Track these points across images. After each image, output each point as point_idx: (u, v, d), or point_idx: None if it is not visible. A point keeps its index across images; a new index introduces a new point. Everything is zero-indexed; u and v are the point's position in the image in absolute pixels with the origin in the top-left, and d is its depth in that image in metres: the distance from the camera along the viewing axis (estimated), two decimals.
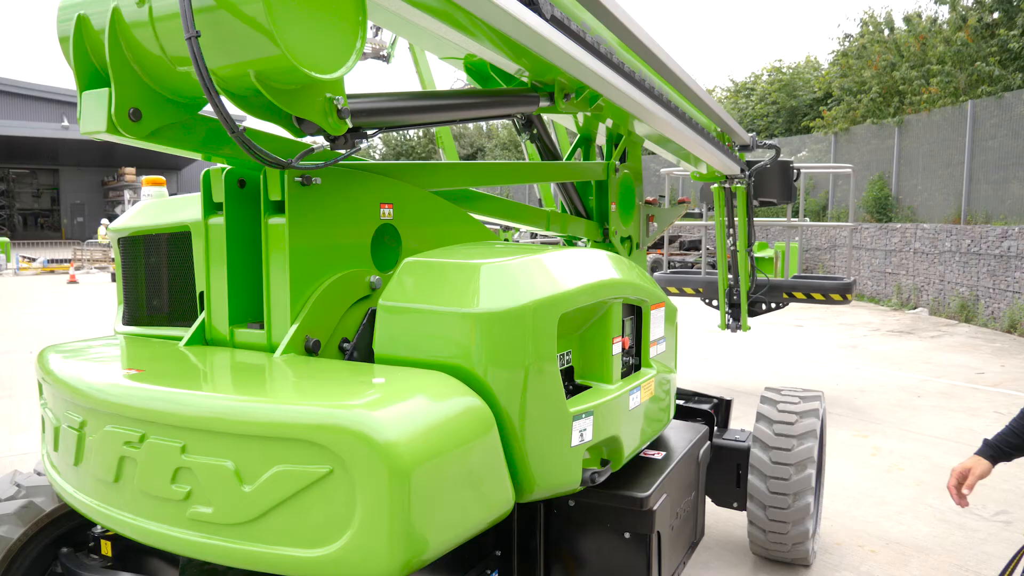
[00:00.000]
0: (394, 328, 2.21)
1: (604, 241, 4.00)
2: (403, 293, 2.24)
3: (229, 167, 2.29)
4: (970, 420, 7.61)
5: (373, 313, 2.37)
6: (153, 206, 2.94)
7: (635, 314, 2.81)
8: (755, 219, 7.49)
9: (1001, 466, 2.64)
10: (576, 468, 2.33)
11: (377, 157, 43.91)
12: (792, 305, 8.70)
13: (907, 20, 20.66)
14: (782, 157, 7.28)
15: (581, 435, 2.32)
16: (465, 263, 2.25)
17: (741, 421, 4.93)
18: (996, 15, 17.57)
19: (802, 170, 8.23)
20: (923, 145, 17.47)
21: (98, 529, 2.70)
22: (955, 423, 7.47)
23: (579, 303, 2.31)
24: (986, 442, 2.63)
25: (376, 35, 12.70)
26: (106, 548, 2.69)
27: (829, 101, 23.50)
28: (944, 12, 19.20)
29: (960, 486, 2.62)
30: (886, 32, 21.57)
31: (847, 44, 23.02)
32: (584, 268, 2.48)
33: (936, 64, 18.37)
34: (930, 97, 18.23)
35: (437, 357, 2.11)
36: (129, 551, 2.66)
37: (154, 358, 2.36)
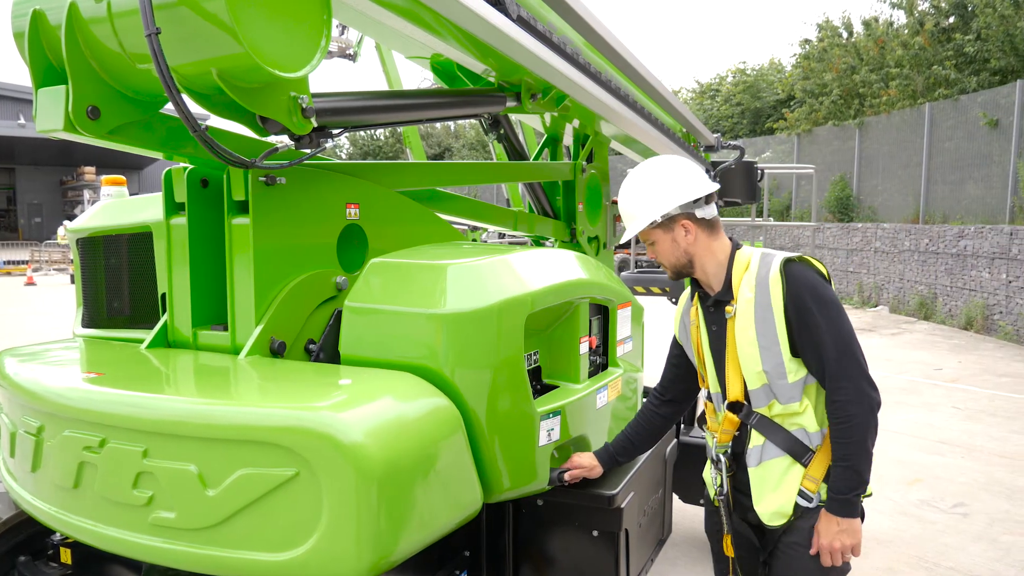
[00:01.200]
0: (360, 329, 2.20)
1: (571, 241, 4.01)
2: (370, 294, 2.24)
3: (191, 166, 2.26)
4: (929, 415, 7.79)
5: (339, 314, 2.35)
6: (113, 206, 2.89)
7: (602, 313, 2.83)
8: (720, 219, 7.57)
9: (958, 460, 2.70)
10: (544, 468, 2.34)
11: (344, 156, 43.55)
12: None
13: (866, 25, 21.09)
14: (746, 158, 7.37)
15: (548, 435, 2.33)
16: (432, 263, 2.25)
17: None
18: (952, 20, 18.01)
19: (766, 171, 8.33)
20: (883, 146, 17.84)
21: (57, 536, 2.64)
22: (914, 418, 7.64)
23: (546, 303, 2.32)
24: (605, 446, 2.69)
25: (342, 33, 12.61)
26: (66, 556, 2.63)
27: (792, 103, 23.88)
28: (901, 16, 19.64)
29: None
30: (844, 35, 21.97)
31: (807, 48, 23.41)
32: (551, 268, 2.49)
33: (894, 67, 18.77)
34: (889, 99, 18.62)
35: (404, 358, 2.10)
36: (89, 558, 2.60)
37: (114, 361, 2.32)
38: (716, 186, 2.36)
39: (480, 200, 3.39)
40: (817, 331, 2.13)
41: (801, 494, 2.21)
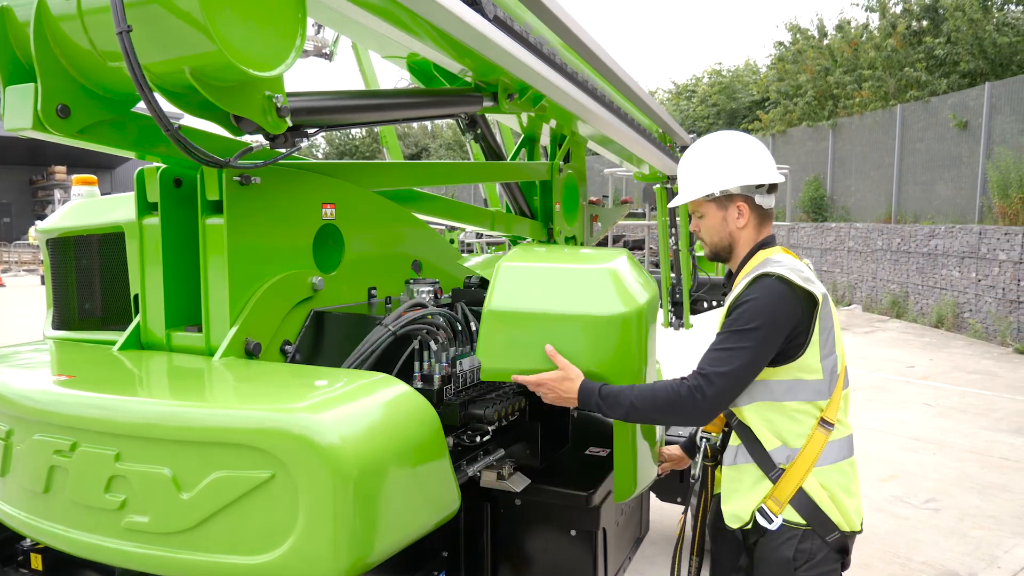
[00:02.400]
0: (505, 334, 2.16)
1: (549, 241, 4.02)
2: (515, 298, 2.18)
3: (164, 166, 2.23)
4: (901, 412, 7.91)
5: (315, 315, 2.34)
6: (84, 206, 2.84)
7: None
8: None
9: (931, 456, 2.75)
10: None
11: (320, 156, 43.29)
12: None
13: (839, 27, 21.36)
14: None
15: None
16: (590, 267, 2.28)
17: None
18: (924, 23, 18.30)
19: None
20: (856, 147, 18.08)
21: (27, 542, 2.59)
22: (888, 415, 7.76)
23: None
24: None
25: (318, 32, 12.52)
26: (36, 562, 2.58)
27: (767, 104, 24.13)
28: (875, 19, 19.92)
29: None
30: (817, 37, 22.24)
31: (781, 50, 23.67)
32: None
33: (867, 69, 19.03)
34: (862, 101, 18.88)
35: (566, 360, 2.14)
36: (61, 564, 2.56)
37: (86, 363, 2.28)
38: (782, 179, 2.33)
39: (457, 200, 3.39)
40: (725, 331, 2.12)
41: (762, 512, 2.17)
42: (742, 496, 2.24)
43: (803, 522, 2.14)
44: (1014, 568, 4.47)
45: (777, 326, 2.08)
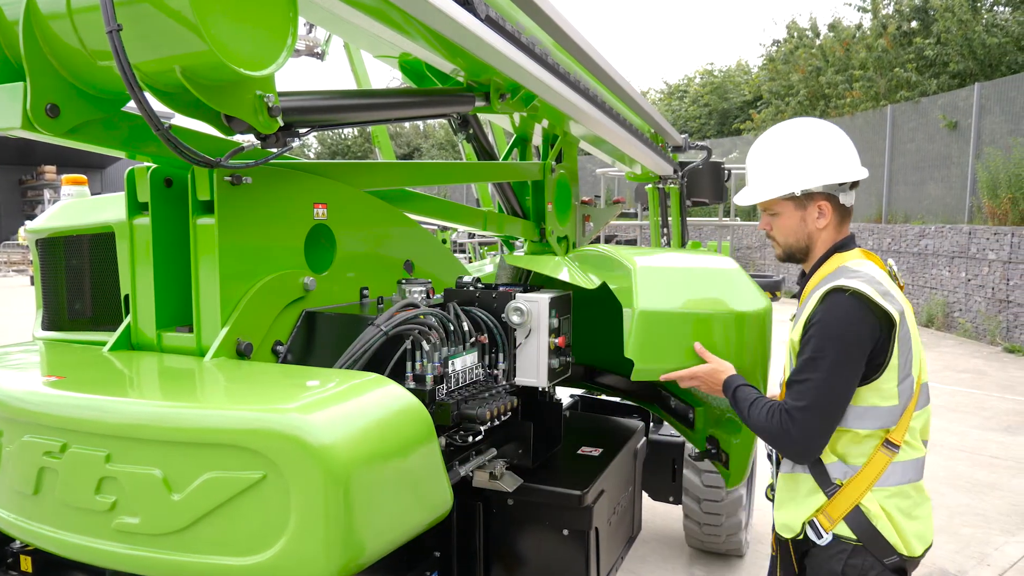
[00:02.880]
0: (655, 334, 2.30)
1: (541, 241, 4.02)
2: (661, 299, 2.31)
3: (155, 165, 2.22)
4: None
5: (307, 315, 2.33)
6: (74, 206, 2.83)
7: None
8: (688, 219, 7.66)
9: None
10: None
11: (312, 156, 43.20)
12: None
13: (832, 27, 21.44)
14: (714, 158, 7.46)
15: None
16: (724, 268, 2.50)
17: None
18: (914, 24, 18.39)
19: (733, 171, 8.45)
20: None
21: (17, 544, 2.57)
22: None
23: None
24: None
25: (310, 32, 12.46)
26: (26, 564, 2.57)
27: (759, 104, 24.23)
28: (867, 19, 20.01)
29: None
30: (810, 35, 22.33)
31: (775, 49, 23.76)
32: None
33: (858, 69, 19.11)
34: (853, 101, 18.97)
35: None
36: (51, 566, 2.55)
37: (76, 364, 2.27)
38: (866, 173, 2.16)
39: (450, 200, 3.38)
40: (801, 359, 2.04)
41: (812, 525, 2.07)
42: (795, 506, 2.15)
43: (855, 537, 2.03)
44: (1003, 565, 4.50)
45: (854, 349, 1.96)
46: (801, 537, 2.14)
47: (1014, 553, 4.64)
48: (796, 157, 2.10)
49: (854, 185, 2.15)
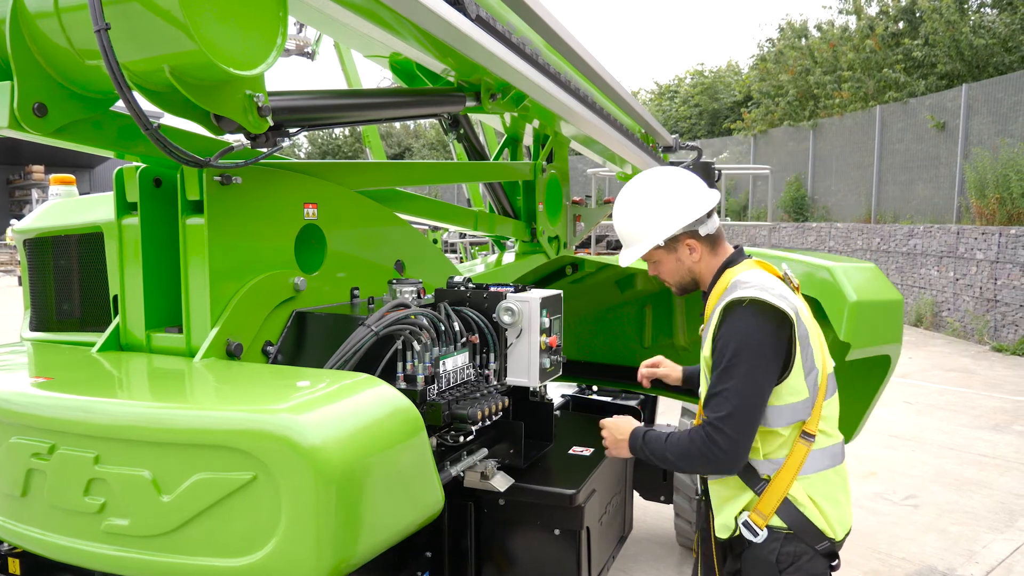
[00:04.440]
0: (866, 320, 2.85)
1: (532, 241, 4.03)
2: (861, 292, 2.87)
3: (144, 165, 2.21)
4: (881, 410, 7.99)
5: (297, 315, 2.32)
6: (62, 206, 2.81)
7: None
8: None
9: (910, 454, 2.83)
10: None
11: (302, 156, 43.04)
12: None
13: (819, 28, 21.55)
14: (704, 158, 7.49)
15: None
16: (872, 267, 3.15)
17: (667, 416, 5.05)
18: (901, 25, 18.50)
19: (723, 171, 8.48)
20: (836, 147, 18.24)
21: (5, 547, 2.56)
22: None
23: None
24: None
25: (300, 31, 12.45)
26: (14, 566, 2.55)
27: (749, 104, 24.29)
28: (853, 21, 20.11)
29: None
30: (800, 37, 22.43)
31: (767, 47, 23.84)
32: None
33: (847, 70, 19.21)
34: (842, 102, 19.06)
35: (885, 340, 3.07)
36: (40, 568, 2.53)
37: (64, 365, 2.26)
38: (718, 196, 2.29)
39: (441, 200, 3.38)
40: (715, 372, 2.11)
41: (747, 525, 2.17)
42: (726, 507, 2.24)
43: (786, 527, 2.14)
44: (991, 563, 4.54)
45: (766, 350, 2.07)
46: (737, 534, 2.23)
47: (1002, 551, 4.68)
48: (648, 212, 2.27)
49: (710, 213, 2.28)
